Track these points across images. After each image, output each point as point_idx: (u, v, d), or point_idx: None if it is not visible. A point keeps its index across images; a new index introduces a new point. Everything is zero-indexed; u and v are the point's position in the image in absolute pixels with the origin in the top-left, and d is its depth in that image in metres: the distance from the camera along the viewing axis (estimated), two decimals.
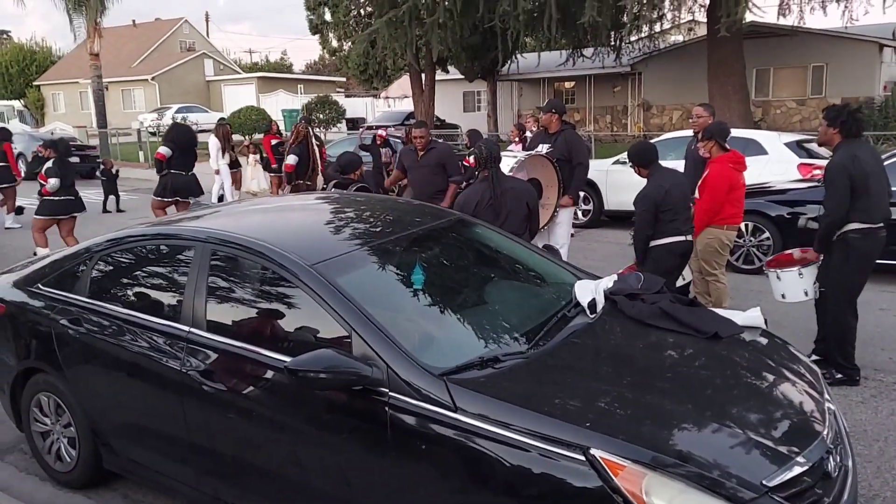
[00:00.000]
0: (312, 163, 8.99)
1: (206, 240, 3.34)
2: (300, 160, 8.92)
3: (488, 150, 5.10)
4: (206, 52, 45.16)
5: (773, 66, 22.55)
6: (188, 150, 9.05)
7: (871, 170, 4.59)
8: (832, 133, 4.69)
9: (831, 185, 4.61)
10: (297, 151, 9.02)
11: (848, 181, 4.52)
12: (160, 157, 8.94)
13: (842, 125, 4.63)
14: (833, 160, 4.66)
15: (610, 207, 10.76)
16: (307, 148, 9.04)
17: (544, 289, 3.71)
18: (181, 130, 9.35)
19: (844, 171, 4.53)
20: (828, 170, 4.67)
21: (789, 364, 3.07)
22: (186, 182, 8.94)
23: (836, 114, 4.67)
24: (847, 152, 4.58)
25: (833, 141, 4.70)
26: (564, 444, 2.31)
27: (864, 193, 4.54)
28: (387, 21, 17.08)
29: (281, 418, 2.92)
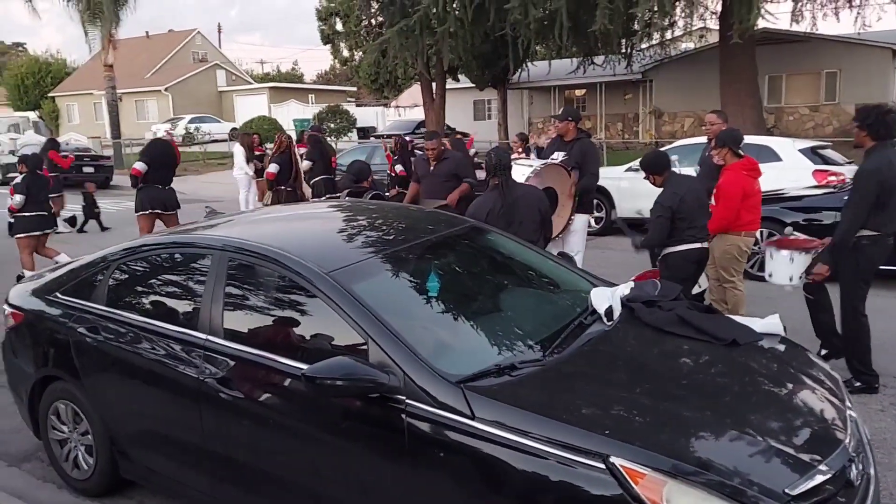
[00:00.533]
0: (294, 171, 9.47)
1: (223, 248, 3.35)
2: (281, 169, 9.40)
3: (498, 157, 5.10)
4: (218, 63, 45.54)
5: (785, 73, 22.49)
6: (164, 165, 8.88)
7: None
8: (862, 136, 4.59)
9: (857, 192, 4.54)
10: (278, 161, 9.44)
11: (876, 189, 4.44)
12: (135, 172, 8.66)
13: (868, 127, 4.54)
14: (864, 165, 4.56)
15: (622, 215, 10.71)
16: (289, 157, 9.48)
17: (560, 296, 3.70)
18: (157, 146, 9.17)
19: (874, 177, 4.45)
20: (857, 175, 4.58)
21: (809, 371, 3.04)
22: (165, 195, 8.77)
23: (864, 115, 4.56)
24: (880, 158, 4.47)
25: (865, 143, 4.59)
26: (583, 452, 2.30)
27: (887, 203, 4.48)
28: (398, 30, 17.16)
29: (297, 426, 2.92)
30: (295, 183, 9.42)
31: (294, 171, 9.43)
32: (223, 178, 14.08)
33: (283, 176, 9.31)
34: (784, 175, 8.84)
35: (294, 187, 9.35)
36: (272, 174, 9.28)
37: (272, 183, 9.34)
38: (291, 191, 9.32)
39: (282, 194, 9.30)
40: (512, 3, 15.21)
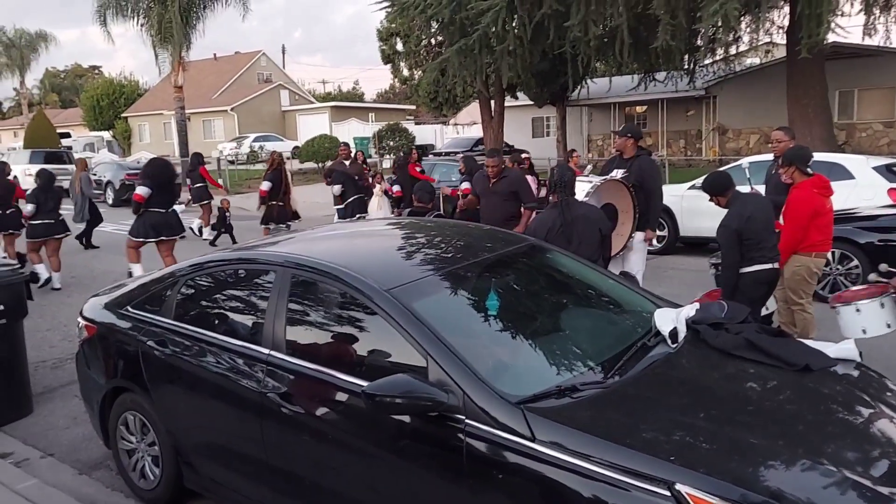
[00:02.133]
0: (285, 187, 9.95)
1: (285, 264, 3.42)
2: (273, 185, 9.83)
3: (560, 175, 5.07)
4: (282, 84, 46.82)
5: (857, 88, 21.72)
6: (167, 187, 8.52)
7: None
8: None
9: None
10: (270, 178, 9.88)
11: None
12: (138, 198, 8.26)
13: None
14: None
15: (686, 234, 10.49)
16: (280, 174, 9.91)
17: (622, 316, 3.63)
18: (159, 166, 8.78)
19: None
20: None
21: (887, 398, 2.90)
22: (166, 219, 8.41)
23: None
24: None
25: None
26: (648, 478, 2.24)
27: None
28: (457, 49, 17.30)
29: (356, 442, 2.94)
30: (285, 198, 9.80)
31: (284, 186, 9.82)
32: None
33: (273, 192, 9.70)
34: (857, 193, 8.51)
35: (284, 202, 9.75)
36: (265, 191, 9.67)
37: (265, 199, 9.72)
38: (282, 206, 9.72)
39: (273, 209, 9.71)
40: (572, 21, 15.17)
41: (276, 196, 9.68)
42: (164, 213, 8.41)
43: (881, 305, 4.68)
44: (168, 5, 22.84)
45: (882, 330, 4.71)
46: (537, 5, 15.56)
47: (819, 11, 12.11)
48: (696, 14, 13.22)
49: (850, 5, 13.97)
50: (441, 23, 17.87)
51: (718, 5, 12.21)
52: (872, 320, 4.71)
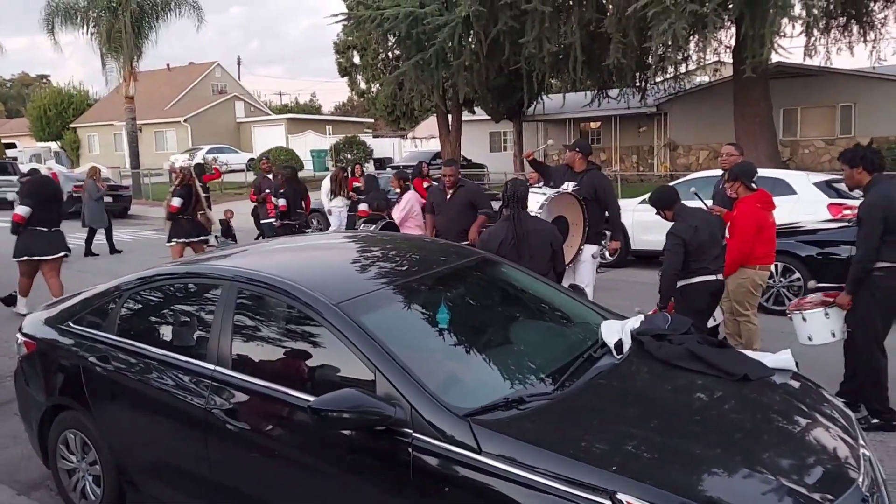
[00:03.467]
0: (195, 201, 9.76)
1: (233, 278, 3.38)
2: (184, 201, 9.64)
3: (512, 189, 5.12)
4: (237, 95, 46.30)
5: (800, 106, 22.48)
6: (49, 205, 8.22)
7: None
8: (858, 173, 4.66)
9: (865, 225, 4.56)
10: (181, 193, 9.63)
11: (882, 221, 4.47)
12: (17, 219, 7.96)
13: (862, 160, 4.62)
14: (867, 200, 4.61)
15: (637, 247, 10.69)
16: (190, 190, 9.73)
17: (570, 329, 3.68)
18: (39, 184, 8.47)
19: (879, 211, 4.49)
20: (862, 209, 4.61)
21: (822, 408, 2.99)
22: (48, 239, 8.11)
23: (852, 154, 4.67)
24: (881, 191, 4.56)
25: (863, 181, 4.66)
26: (590, 489, 2.27)
27: (893, 233, 4.48)
28: (414, 64, 17.41)
29: (304, 458, 2.91)
30: (194, 212, 9.62)
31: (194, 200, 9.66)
32: (241, 208, 14.28)
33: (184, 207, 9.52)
34: (799, 208, 8.79)
35: (192, 216, 9.57)
36: (176, 207, 9.47)
37: (174, 215, 9.53)
38: (190, 219, 9.54)
39: (182, 223, 9.53)
40: (526, 38, 15.43)
41: (186, 211, 9.51)
42: (47, 231, 8.14)
43: (826, 315, 4.85)
44: (118, 14, 22.43)
45: (827, 338, 4.89)
46: (493, 22, 15.78)
47: (762, 32, 12.55)
48: (647, 33, 13.56)
49: (791, 27, 14.50)
50: (398, 37, 17.97)
51: (667, 25, 12.56)
52: (818, 329, 4.89)
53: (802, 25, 15.94)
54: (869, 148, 4.74)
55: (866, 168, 4.62)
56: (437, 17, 16.05)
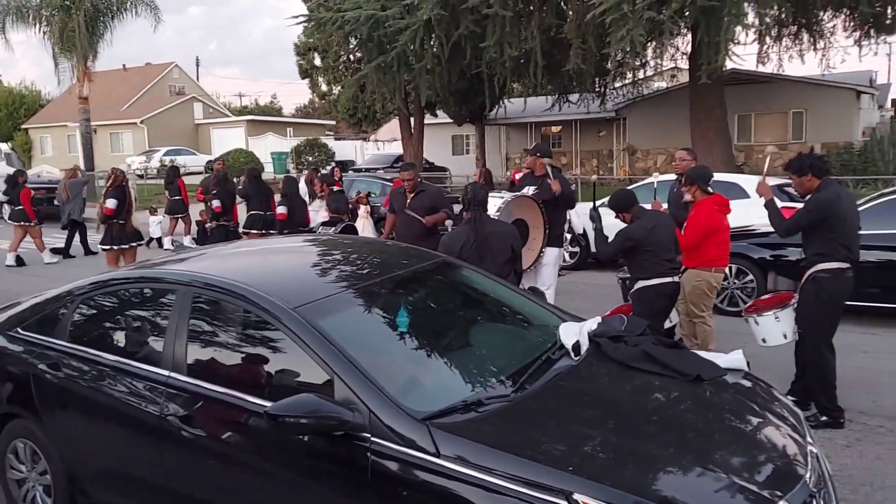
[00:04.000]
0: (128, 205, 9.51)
1: (188, 283, 3.33)
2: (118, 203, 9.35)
3: (473, 192, 5.15)
4: (195, 96, 45.57)
5: (754, 112, 23.04)
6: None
7: (848, 210, 4.72)
8: (807, 181, 4.81)
9: (805, 211, 4.75)
10: (115, 195, 9.36)
11: (824, 217, 4.63)
12: None
13: (810, 168, 4.77)
14: (819, 195, 4.73)
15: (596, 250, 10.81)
16: (124, 192, 9.48)
17: (529, 331, 3.71)
18: None
19: (825, 208, 4.64)
20: (812, 200, 4.75)
21: (772, 407, 3.07)
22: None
23: (799, 163, 4.83)
24: (832, 191, 4.71)
25: (813, 186, 4.80)
26: (547, 489, 2.29)
27: (840, 231, 4.64)
28: (375, 66, 17.35)
29: (261, 464, 2.88)
30: (127, 216, 9.34)
31: (128, 205, 9.40)
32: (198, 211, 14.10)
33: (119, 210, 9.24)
34: (752, 211, 8.96)
35: (126, 221, 9.30)
36: (111, 210, 9.18)
37: (109, 217, 9.24)
38: (123, 224, 9.28)
39: (114, 228, 9.24)
40: (487, 42, 15.50)
41: (120, 215, 9.21)
42: None
43: (776, 318, 4.98)
44: (72, 13, 21.88)
45: (779, 340, 5.02)
46: (454, 26, 15.82)
47: (717, 39, 12.81)
48: (606, 39, 13.75)
49: (745, 35, 14.86)
50: (359, 39, 17.89)
51: (625, 31, 12.74)
52: (770, 331, 5.02)
53: (755, 33, 16.36)
54: (813, 155, 4.90)
55: (814, 174, 4.77)
56: (398, 20, 16.03)
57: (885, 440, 4.55)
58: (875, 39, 17.68)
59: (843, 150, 20.55)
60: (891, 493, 3.87)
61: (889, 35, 17.74)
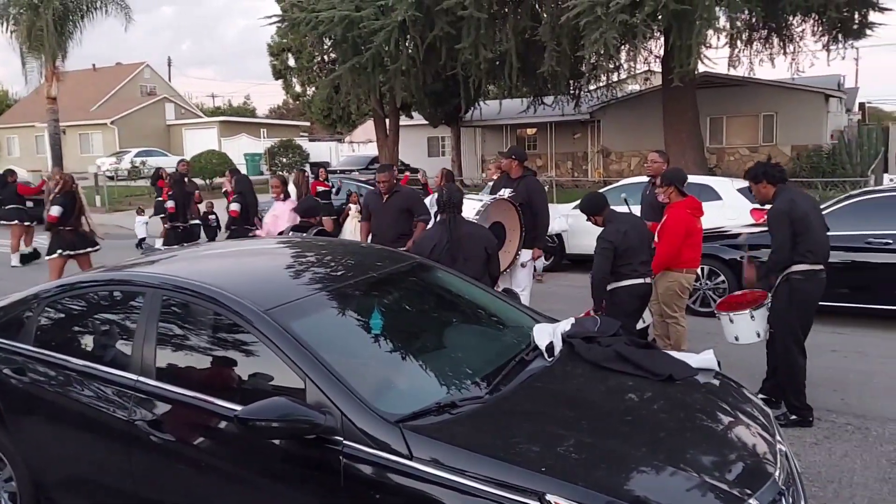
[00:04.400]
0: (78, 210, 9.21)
1: (158, 285, 3.28)
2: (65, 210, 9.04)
3: (448, 194, 5.14)
4: (167, 97, 45.03)
5: (725, 115, 23.35)
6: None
7: (808, 213, 4.82)
8: (763, 188, 4.94)
9: (774, 229, 4.84)
10: (61, 202, 9.06)
11: (789, 224, 4.73)
12: None
13: (765, 176, 4.91)
14: (773, 207, 4.88)
15: (571, 251, 10.87)
16: (73, 197, 9.20)
17: (503, 332, 3.71)
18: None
19: (784, 215, 4.76)
20: (769, 216, 4.87)
21: (742, 406, 3.11)
22: None
23: (755, 171, 4.98)
24: (785, 198, 4.84)
25: (769, 194, 4.94)
26: (520, 490, 2.29)
27: (804, 235, 4.74)
28: (350, 67, 17.30)
29: (232, 469, 2.85)
30: (77, 222, 9.02)
31: (77, 210, 9.09)
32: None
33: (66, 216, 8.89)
34: (724, 213, 9.11)
35: (75, 226, 8.99)
36: (54, 217, 8.83)
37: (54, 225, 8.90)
38: (72, 230, 8.97)
39: (64, 235, 8.92)
40: (463, 44, 15.54)
41: (68, 221, 8.86)
42: None
43: (751, 317, 5.05)
44: (40, 12, 21.49)
45: (752, 339, 5.09)
46: (429, 27, 15.84)
47: (689, 43, 12.99)
48: (580, 42, 13.85)
49: (717, 38, 15.08)
50: (333, 40, 17.82)
51: (599, 34, 12.86)
52: (744, 330, 5.09)
53: (727, 37, 16.61)
54: (769, 163, 5.04)
55: (769, 181, 4.91)
56: (373, 21, 16.00)
57: (853, 438, 4.63)
58: (843, 44, 18.07)
59: (812, 152, 20.93)
60: (858, 490, 3.93)
61: (856, 40, 18.13)
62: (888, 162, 20.09)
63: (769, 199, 4.95)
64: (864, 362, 6.17)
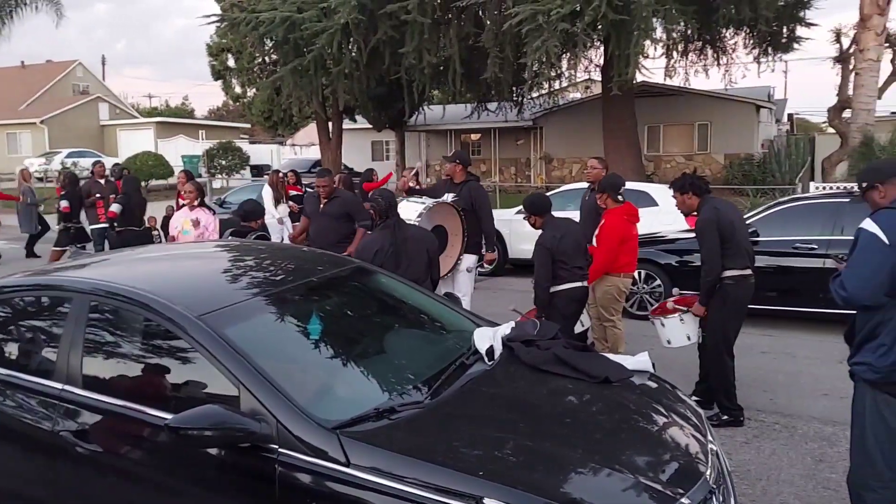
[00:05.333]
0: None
1: (87, 291, 3.15)
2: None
3: (387, 200, 5.13)
4: (100, 96, 43.55)
5: (662, 124, 24.01)
6: None
7: (733, 221, 4.99)
8: (688, 199, 5.10)
9: (703, 239, 4.98)
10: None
11: (717, 233, 4.88)
12: None
13: (691, 187, 5.07)
14: (700, 217, 5.05)
15: (514, 256, 10.98)
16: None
17: (444, 337, 3.71)
18: None
19: (713, 224, 4.91)
20: (698, 225, 5.03)
21: (676, 407, 3.18)
22: None
23: (681, 182, 5.14)
24: (710, 207, 5.00)
25: (693, 205, 5.10)
26: (458, 495, 2.28)
27: (731, 242, 4.90)
28: (291, 69, 17.07)
29: (163, 480, 2.75)
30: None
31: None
32: None
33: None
34: (660, 219, 9.34)
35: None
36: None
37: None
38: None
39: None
40: (406, 49, 15.53)
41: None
42: None
43: (681, 321, 5.19)
44: None
45: (683, 342, 5.23)
46: (372, 31, 15.78)
47: (628, 52, 13.30)
48: (522, 49, 14.03)
49: (654, 49, 15.49)
50: (275, 41, 17.56)
51: (541, 42, 13.04)
52: (675, 333, 5.22)
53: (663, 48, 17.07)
54: (694, 175, 5.22)
55: (694, 192, 5.07)
56: (315, 23, 15.84)
57: (781, 436, 4.80)
58: (772, 57, 18.83)
59: (744, 160, 21.69)
60: (785, 487, 4.08)
61: (784, 53, 18.93)
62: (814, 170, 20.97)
63: (693, 210, 5.11)
64: (792, 363, 6.42)
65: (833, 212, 7.22)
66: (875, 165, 3.32)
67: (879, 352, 2.95)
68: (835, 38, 16.88)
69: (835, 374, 5.86)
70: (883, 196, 3.05)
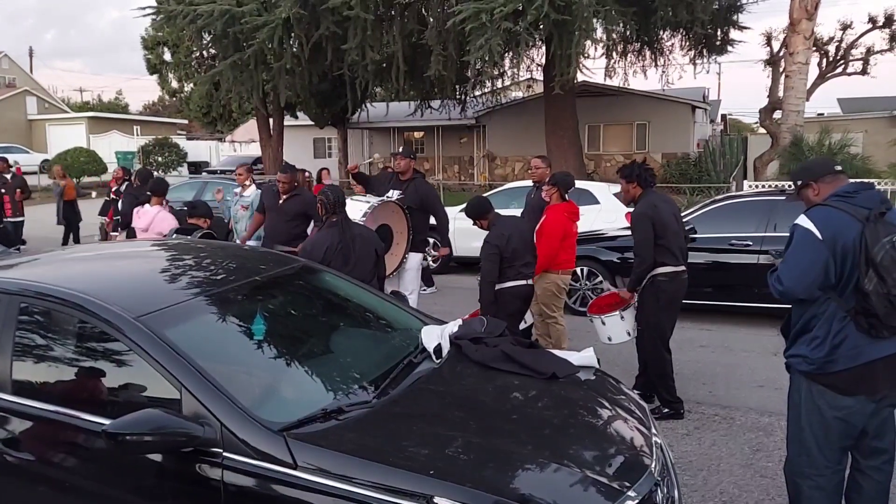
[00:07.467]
0: None
1: (15, 292, 3.00)
2: None
3: (335, 195, 5.06)
4: (28, 89, 41.75)
5: (603, 123, 24.47)
6: None
7: (669, 218, 5.09)
8: (633, 188, 5.18)
9: (637, 232, 5.09)
10: None
11: (651, 227, 4.98)
12: None
13: (638, 178, 5.15)
14: (636, 210, 5.14)
15: (459, 254, 10.99)
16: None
17: (391, 336, 3.68)
18: None
19: (647, 218, 5.02)
20: (633, 217, 5.12)
21: (620, 401, 3.23)
22: None
23: (630, 171, 5.19)
24: (647, 202, 5.10)
25: (636, 195, 5.18)
26: (408, 495, 2.26)
27: (666, 239, 5.01)
28: (231, 64, 16.72)
29: (101, 489, 2.65)
30: None
31: None
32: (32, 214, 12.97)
33: None
34: (601, 217, 9.53)
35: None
36: None
37: None
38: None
39: None
40: (349, 45, 15.39)
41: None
42: None
43: (621, 318, 5.29)
44: None
45: (623, 338, 5.34)
46: (314, 26, 15.57)
47: (569, 52, 13.48)
48: (465, 47, 14.06)
49: (594, 49, 15.75)
50: (213, 35, 17.16)
51: (484, 40, 13.10)
52: (615, 330, 5.32)
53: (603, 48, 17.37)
54: (643, 165, 5.27)
55: (640, 184, 5.16)
56: (255, 17, 15.53)
57: (720, 427, 4.94)
58: (707, 59, 19.41)
59: (680, 159, 22.29)
60: (724, 476, 4.20)
61: (719, 55, 19.54)
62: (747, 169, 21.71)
63: (633, 200, 5.20)
64: (730, 356, 6.62)
65: (767, 209, 7.48)
66: (808, 165, 3.43)
67: (813, 344, 3.05)
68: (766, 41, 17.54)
69: (770, 366, 6.08)
70: (817, 193, 3.16)
